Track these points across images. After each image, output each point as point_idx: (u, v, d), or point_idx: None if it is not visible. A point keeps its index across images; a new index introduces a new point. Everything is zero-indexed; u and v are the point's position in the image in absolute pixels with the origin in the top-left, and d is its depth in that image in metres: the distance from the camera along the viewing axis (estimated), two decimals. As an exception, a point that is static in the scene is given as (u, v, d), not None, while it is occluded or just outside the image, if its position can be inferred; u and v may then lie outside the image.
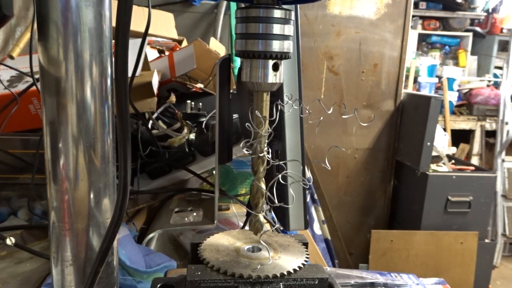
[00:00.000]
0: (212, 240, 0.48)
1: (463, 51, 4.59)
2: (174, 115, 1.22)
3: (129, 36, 0.33)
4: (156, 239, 0.80)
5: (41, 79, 0.41)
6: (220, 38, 2.79)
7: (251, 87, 0.44)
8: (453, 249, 2.61)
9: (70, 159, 0.41)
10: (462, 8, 4.30)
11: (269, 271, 0.41)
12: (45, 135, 0.42)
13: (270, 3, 0.41)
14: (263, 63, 0.42)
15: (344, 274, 0.81)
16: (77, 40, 0.39)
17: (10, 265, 0.70)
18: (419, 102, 2.75)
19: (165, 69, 1.47)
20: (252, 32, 0.41)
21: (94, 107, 0.41)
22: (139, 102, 1.08)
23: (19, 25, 1.74)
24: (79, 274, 0.44)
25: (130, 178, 0.36)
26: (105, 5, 0.40)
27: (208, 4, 3.02)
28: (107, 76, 0.42)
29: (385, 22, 2.81)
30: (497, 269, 3.49)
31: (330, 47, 2.79)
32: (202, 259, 0.44)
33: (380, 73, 2.86)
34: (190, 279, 0.41)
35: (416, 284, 0.83)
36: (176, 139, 1.05)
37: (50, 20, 0.39)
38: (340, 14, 2.77)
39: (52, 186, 0.42)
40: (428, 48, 4.73)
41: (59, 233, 0.43)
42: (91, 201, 0.43)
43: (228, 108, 0.76)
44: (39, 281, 0.65)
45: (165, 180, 1.04)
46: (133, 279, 0.61)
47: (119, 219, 0.37)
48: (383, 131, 2.91)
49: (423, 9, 4.29)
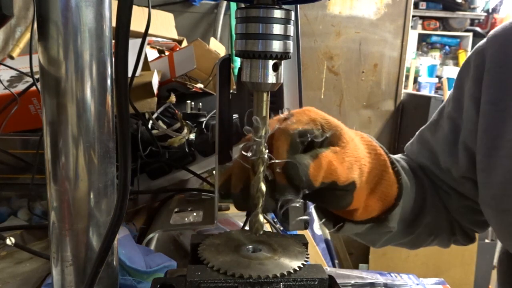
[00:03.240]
0: (212, 240, 0.48)
1: (463, 51, 4.60)
2: (174, 115, 1.22)
3: (129, 36, 0.33)
4: (156, 239, 0.80)
5: (41, 79, 0.41)
6: (220, 38, 2.79)
7: (251, 87, 0.44)
8: (453, 249, 2.61)
9: (70, 159, 0.41)
10: (462, 8, 4.30)
11: (269, 271, 0.41)
12: (45, 135, 0.42)
13: (270, 3, 0.41)
14: (263, 63, 0.42)
15: (344, 274, 0.81)
16: (77, 40, 0.39)
17: (10, 265, 0.70)
18: (419, 102, 2.75)
19: (165, 69, 1.47)
20: (252, 32, 0.41)
21: (94, 107, 0.41)
22: (139, 102, 1.08)
23: (19, 25, 1.74)
24: (79, 274, 0.44)
25: (130, 178, 0.36)
26: (105, 5, 0.40)
27: (208, 4, 3.02)
28: (107, 76, 0.42)
29: (385, 22, 2.81)
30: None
31: (330, 47, 2.79)
32: (202, 259, 0.44)
33: (380, 73, 2.86)
34: (190, 279, 0.41)
35: (416, 284, 0.83)
36: (176, 139, 1.05)
37: (50, 20, 0.39)
38: (340, 14, 2.78)
39: (52, 186, 0.42)
40: (428, 48, 4.74)
41: (59, 233, 0.43)
42: (91, 201, 0.43)
43: (228, 108, 0.76)
44: (39, 281, 0.66)
45: (165, 180, 1.04)
46: (133, 279, 0.61)
47: (119, 219, 0.37)
48: (383, 131, 2.91)
49: (423, 9, 4.30)
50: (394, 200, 0.56)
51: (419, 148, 0.76)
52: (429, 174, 0.73)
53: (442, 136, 0.71)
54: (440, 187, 0.72)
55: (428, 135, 0.74)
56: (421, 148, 0.75)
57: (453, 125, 0.69)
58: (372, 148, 0.55)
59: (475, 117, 0.64)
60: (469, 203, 0.70)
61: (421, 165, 0.75)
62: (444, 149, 0.70)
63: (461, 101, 0.68)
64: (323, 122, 0.50)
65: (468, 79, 0.66)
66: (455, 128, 0.68)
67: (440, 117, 0.73)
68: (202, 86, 1.47)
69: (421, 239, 0.72)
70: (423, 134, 0.76)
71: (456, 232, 0.74)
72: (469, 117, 0.65)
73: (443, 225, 0.72)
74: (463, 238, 0.75)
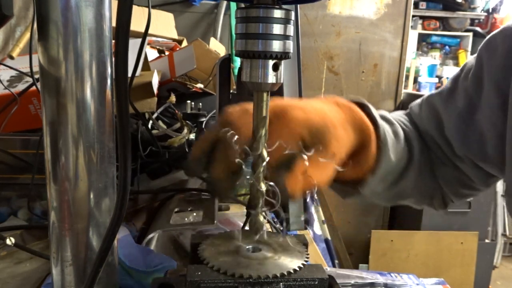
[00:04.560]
0: (212, 240, 0.48)
1: (463, 51, 4.60)
2: (174, 115, 1.22)
3: (129, 36, 0.33)
4: (156, 239, 0.80)
5: (41, 79, 0.41)
6: (220, 38, 2.79)
7: (251, 87, 0.44)
8: (453, 249, 2.61)
9: (70, 159, 0.41)
10: (462, 8, 4.30)
11: (269, 271, 0.41)
12: (45, 135, 0.42)
13: (270, 3, 0.41)
14: (263, 63, 0.42)
15: (344, 274, 0.81)
16: (77, 40, 0.39)
17: (10, 265, 0.70)
18: (419, 102, 2.75)
19: (165, 69, 1.48)
20: (252, 32, 0.41)
21: (94, 107, 0.41)
22: (139, 102, 1.08)
23: (19, 25, 1.74)
24: (79, 274, 0.44)
25: (130, 178, 0.36)
26: (105, 5, 0.40)
27: (208, 4, 3.02)
28: (107, 76, 0.42)
29: (385, 22, 2.81)
30: (497, 269, 3.49)
31: (330, 47, 2.79)
32: (202, 259, 0.44)
33: (380, 73, 2.86)
34: (190, 279, 0.41)
35: (416, 284, 0.83)
36: (176, 139, 1.05)
37: (50, 20, 0.39)
38: (340, 14, 2.77)
39: (52, 186, 0.42)
40: (428, 48, 4.73)
41: (59, 233, 0.43)
42: (91, 201, 0.43)
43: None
44: (39, 281, 0.65)
45: (165, 180, 1.05)
46: (133, 279, 0.61)
47: (119, 219, 0.37)
48: (383, 131, 2.91)
49: (423, 9, 4.29)
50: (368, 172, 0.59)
51: (428, 115, 0.73)
52: (428, 140, 0.72)
53: (455, 110, 0.68)
54: (436, 155, 0.72)
55: (439, 104, 0.71)
56: (430, 116, 0.72)
57: (468, 103, 0.66)
58: (359, 126, 0.56)
59: (498, 110, 0.62)
60: (463, 177, 0.71)
61: (421, 128, 0.73)
62: (455, 124, 0.68)
63: (481, 81, 0.65)
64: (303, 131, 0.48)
65: (492, 62, 0.63)
66: (471, 107, 0.66)
67: (454, 87, 0.70)
68: (202, 86, 1.47)
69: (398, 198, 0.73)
70: (432, 100, 0.73)
71: (435, 196, 0.74)
72: (490, 105, 0.63)
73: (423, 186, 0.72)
74: (438, 204, 0.76)
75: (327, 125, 0.50)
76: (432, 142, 0.72)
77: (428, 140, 0.73)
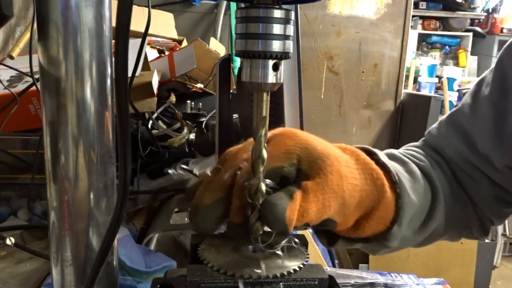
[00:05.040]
0: (212, 240, 0.48)
1: (463, 51, 4.60)
2: (174, 115, 1.22)
3: (129, 36, 0.33)
4: (156, 239, 0.80)
5: (41, 79, 0.41)
6: (220, 38, 2.79)
7: (251, 87, 0.44)
8: (453, 249, 2.61)
9: (70, 159, 0.41)
10: (462, 8, 4.30)
11: (269, 271, 0.41)
12: (45, 135, 0.42)
13: (270, 3, 0.41)
14: (263, 63, 0.42)
15: (344, 274, 0.81)
16: (77, 40, 0.39)
17: (10, 265, 0.70)
18: (419, 102, 2.75)
19: (165, 69, 1.48)
20: (252, 32, 0.41)
21: (94, 107, 0.41)
22: (139, 102, 1.08)
23: (19, 25, 1.74)
24: (79, 274, 0.44)
25: (130, 178, 0.36)
26: (105, 5, 0.40)
27: (208, 4, 3.03)
28: (107, 76, 0.42)
29: (385, 22, 2.81)
30: (497, 269, 3.49)
31: (330, 47, 2.79)
32: (202, 259, 0.44)
33: (380, 73, 2.86)
34: (190, 279, 0.41)
35: (416, 284, 0.83)
36: (176, 139, 1.05)
37: (50, 20, 0.39)
38: (340, 14, 2.77)
39: (52, 186, 0.42)
40: (428, 48, 4.74)
41: (59, 233, 0.43)
42: (91, 201, 0.43)
43: (228, 108, 0.76)
44: (39, 281, 0.66)
45: (165, 180, 1.05)
46: (133, 279, 0.61)
47: (119, 219, 0.37)
48: (383, 131, 2.91)
49: (423, 9, 4.30)
50: (390, 224, 0.53)
51: (451, 131, 0.69)
52: (458, 162, 0.67)
53: (482, 120, 0.65)
54: (468, 174, 0.67)
55: (464, 120, 0.68)
56: (456, 134, 0.68)
57: (496, 110, 0.63)
58: (368, 172, 0.50)
59: None
60: (502, 193, 0.66)
61: (446, 151, 0.69)
62: (486, 135, 0.64)
63: (506, 86, 0.62)
64: (302, 153, 0.46)
65: None
66: (499, 114, 0.63)
67: (476, 101, 0.67)
68: (202, 86, 1.47)
69: (430, 240, 0.67)
70: (454, 118, 0.69)
71: (472, 224, 0.69)
72: None
73: (457, 220, 0.67)
74: (477, 231, 0.70)
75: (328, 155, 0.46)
76: (463, 162, 0.67)
77: (458, 162, 0.68)
